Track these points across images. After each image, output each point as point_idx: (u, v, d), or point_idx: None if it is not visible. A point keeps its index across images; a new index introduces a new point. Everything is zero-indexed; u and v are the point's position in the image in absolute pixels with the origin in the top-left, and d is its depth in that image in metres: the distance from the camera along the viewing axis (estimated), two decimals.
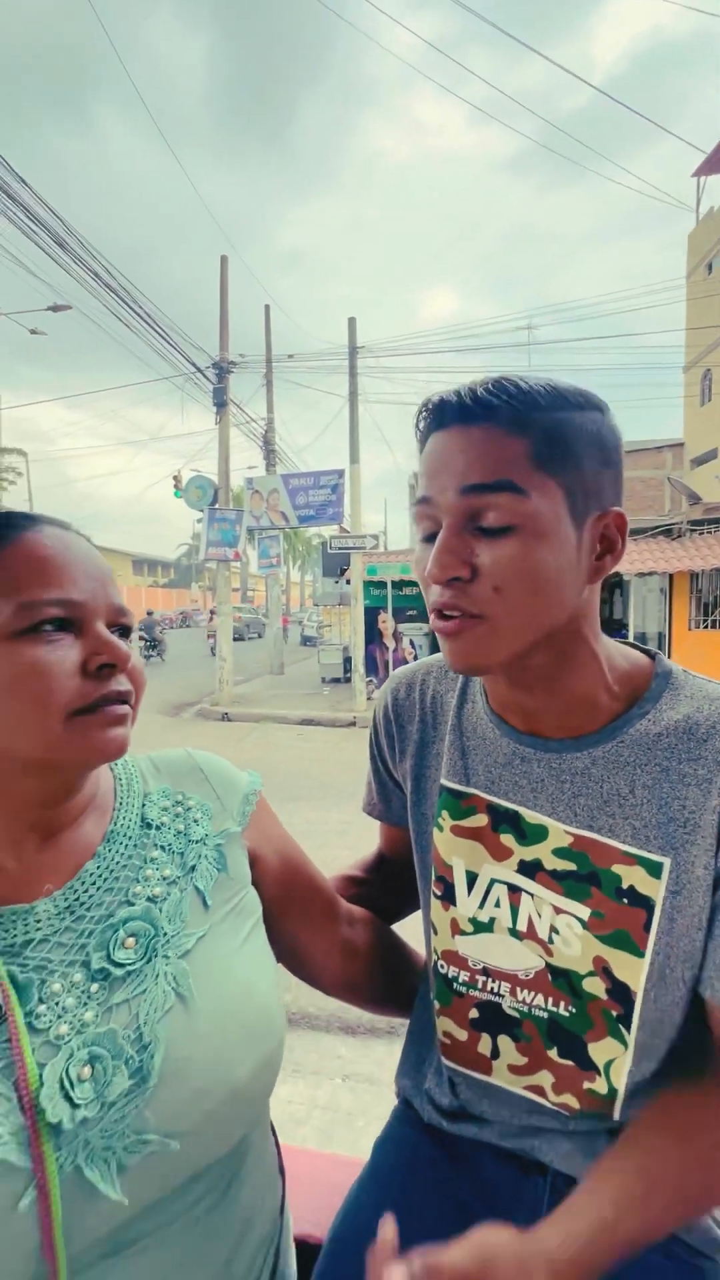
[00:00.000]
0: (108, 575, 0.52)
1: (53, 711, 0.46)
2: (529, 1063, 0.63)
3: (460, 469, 0.52)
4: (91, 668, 0.48)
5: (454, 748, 0.67)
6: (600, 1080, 0.59)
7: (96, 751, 0.48)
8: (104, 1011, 0.47)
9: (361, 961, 0.73)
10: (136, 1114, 0.44)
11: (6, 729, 0.46)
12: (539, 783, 0.61)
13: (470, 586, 0.53)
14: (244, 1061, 0.49)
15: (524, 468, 0.51)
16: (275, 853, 0.66)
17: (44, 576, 0.48)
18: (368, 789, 0.80)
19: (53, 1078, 0.43)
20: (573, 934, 0.59)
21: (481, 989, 0.65)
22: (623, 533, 0.56)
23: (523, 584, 0.52)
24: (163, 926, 0.52)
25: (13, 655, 0.46)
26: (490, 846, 0.63)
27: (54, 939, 0.49)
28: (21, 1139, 0.41)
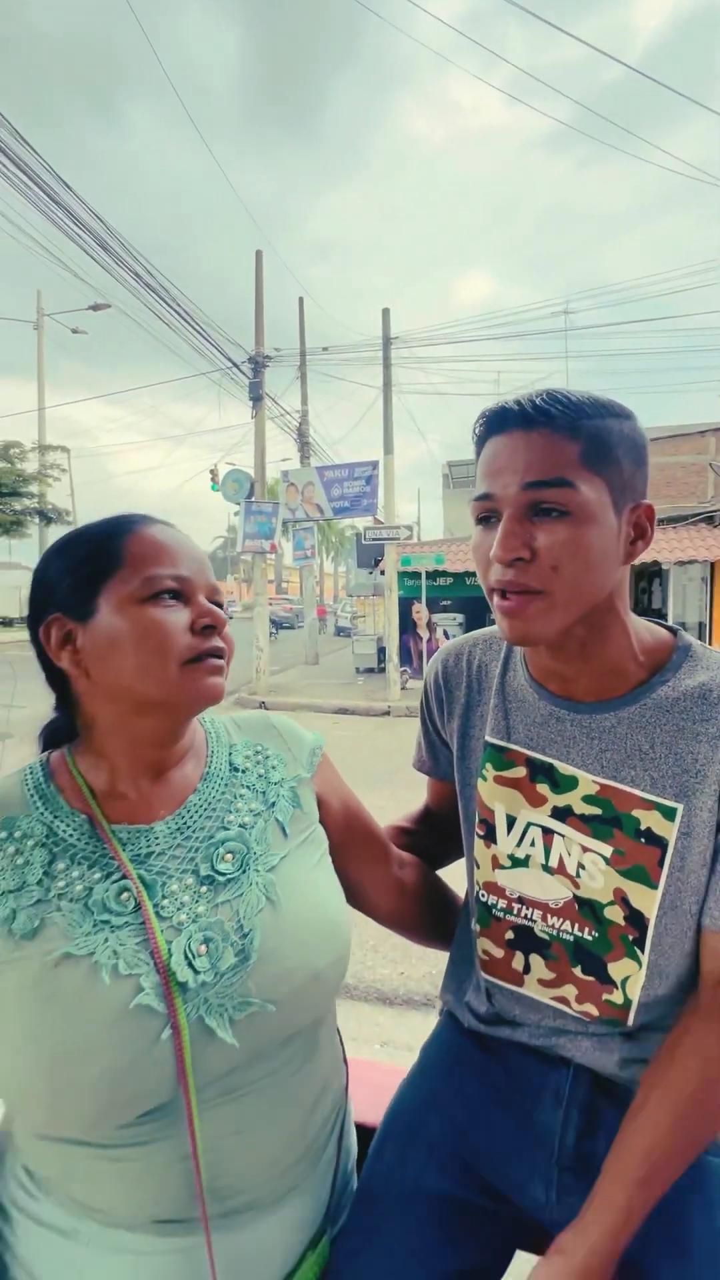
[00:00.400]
0: (206, 561, 0.65)
1: (170, 660, 0.58)
2: (556, 978, 0.73)
3: (521, 467, 0.61)
4: (196, 628, 0.60)
5: (498, 709, 0.77)
6: (617, 993, 0.69)
7: (201, 694, 0.60)
8: (212, 907, 0.59)
9: (410, 898, 0.84)
10: (241, 983, 0.56)
11: (133, 674, 0.58)
12: (571, 739, 0.71)
13: (531, 566, 0.61)
14: (320, 953, 0.61)
15: (576, 466, 0.60)
16: (338, 799, 0.77)
17: (162, 558, 0.61)
18: (418, 747, 0.91)
19: (178, 950, 0.56)
20: (597, 869, 0.69)
21: (517, 915, 0.75)
22: (652, 522, 0.66)
23: (577, 563, 0.61)
24: (253, 847, 0.64)
25: (141, 616, 0.58)
26: (527, 794, 0.73)
27: (169, 852, 0.61)
28: (159, 992, 0.54)
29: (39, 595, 0.63)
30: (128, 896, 0.57)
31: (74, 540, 0.63)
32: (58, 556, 0.63)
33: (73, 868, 0.58)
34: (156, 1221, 0.55)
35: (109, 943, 0.55)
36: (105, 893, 0.57)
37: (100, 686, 0.60)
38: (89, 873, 0.58)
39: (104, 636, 0.59)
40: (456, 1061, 0.79)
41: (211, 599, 0.63)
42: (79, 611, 0.60)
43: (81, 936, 0.55)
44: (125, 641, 0.58)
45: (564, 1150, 0.70)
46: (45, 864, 0.58)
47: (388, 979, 3.02)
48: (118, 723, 0.61)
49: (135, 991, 0.53)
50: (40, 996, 0.53)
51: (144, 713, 0.60)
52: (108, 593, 0.59)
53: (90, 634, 0.59)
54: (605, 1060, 0.70)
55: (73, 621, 0.60)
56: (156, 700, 0.59)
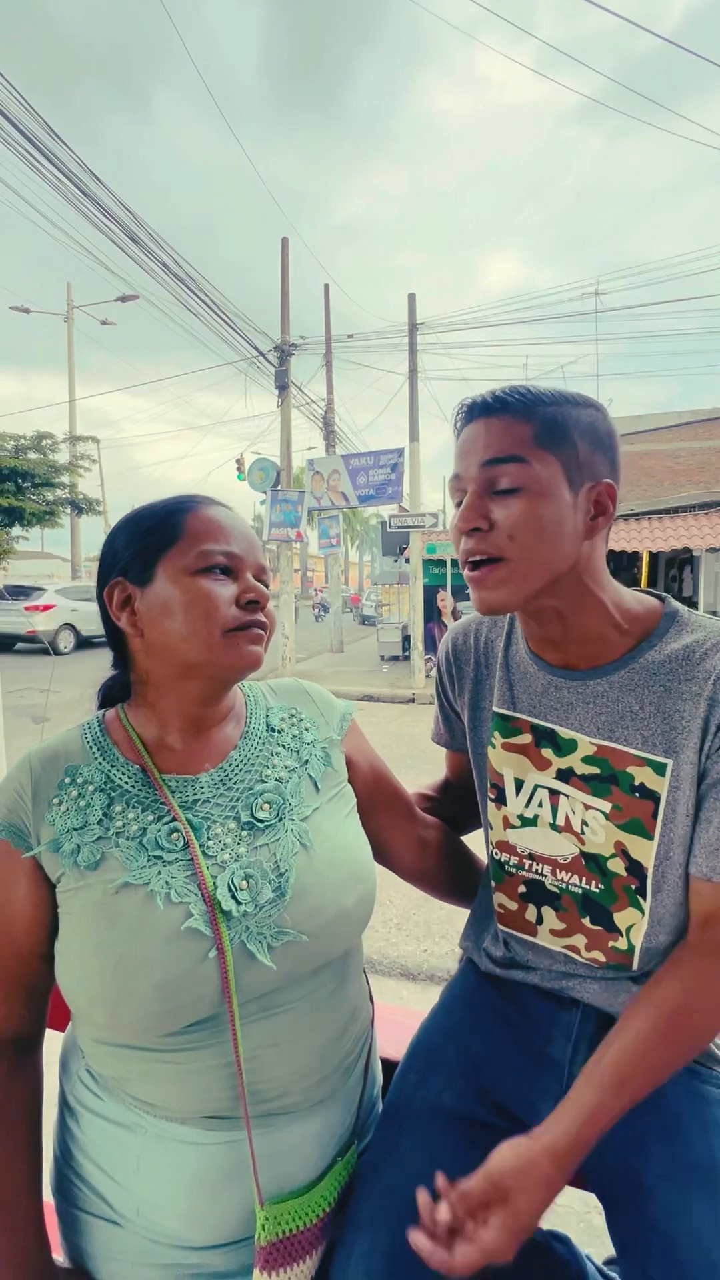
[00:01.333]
0: (257, 543, 0.72)
1: (215, 626, 0.65)
2: (566, 928, 0.79)
3: (481, 448, 0.68)
4: (242, 601, 0.67)
5: (503, 681, 0.83)
6: (622, 940, 0.75)
7: (242, 659, 0.66)
8: (252, 849, 0.66)
9: (432, 855, 0.91)
10: (278, 915, 0.63)
11: (181, 636, 0.65)
12: (569, 705, 0.76)
13: (489, 535, 0.68)
14: (348, 893, 0.68)
15: (529, 445, 0.67)
16: (366, 761, 0.84)
17: (215, 534, 0.67)
18: (435, 722, 0.98)
19: (223, 883, 0.63)
20: (599, 825, 0.75)
21: (528, 870, 0.81)
22: (613, 500, 0.71)
23: (530, 531, 0.67)
24: (288, 798, 0.71)
25: (193, 585, 0.65)
26: (533, 758, 0.79)
27: (213, 800, 0.68)
28: (205, 918, 0.61)
29: (107, 560, 0.70)
30: (177, 836, 0.64)
31: (141, 514, 0.70)
32: (126, 527, 0.70)
33: (128, 810, 0.65)
34: (205, 1117, 0.63)
35: (162, 875, 0.62)
36: (158, 832, 0.64)
37: (153, 646, 0.67)
38: (143, 815, 0.65)
39: (158, 601, 0.65)
40: (474, 1001, 0.86)
41: (258, 578, 0.70)
42: (139, 577, 0.67)
43: (138, 869, 0.62)
44: (176, 607, 0.65)
45: (572, 1078, 0.75)
46: (104, 806, 0.65)
47: (411, 955, 3.10)
48: (166, 681, 0.68)
49: (185, 917, 0.60)
50: (104, 917, 0.60)
51: (189, 674, 0.67)
52: (165, 562, 0.66)
53: (147, 598, 0.66)
54: (612, 1001, 0.76)
55: (133, 585, 0.67)
56: (200, 662, 0.66)
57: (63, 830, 0.64)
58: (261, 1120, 0.64)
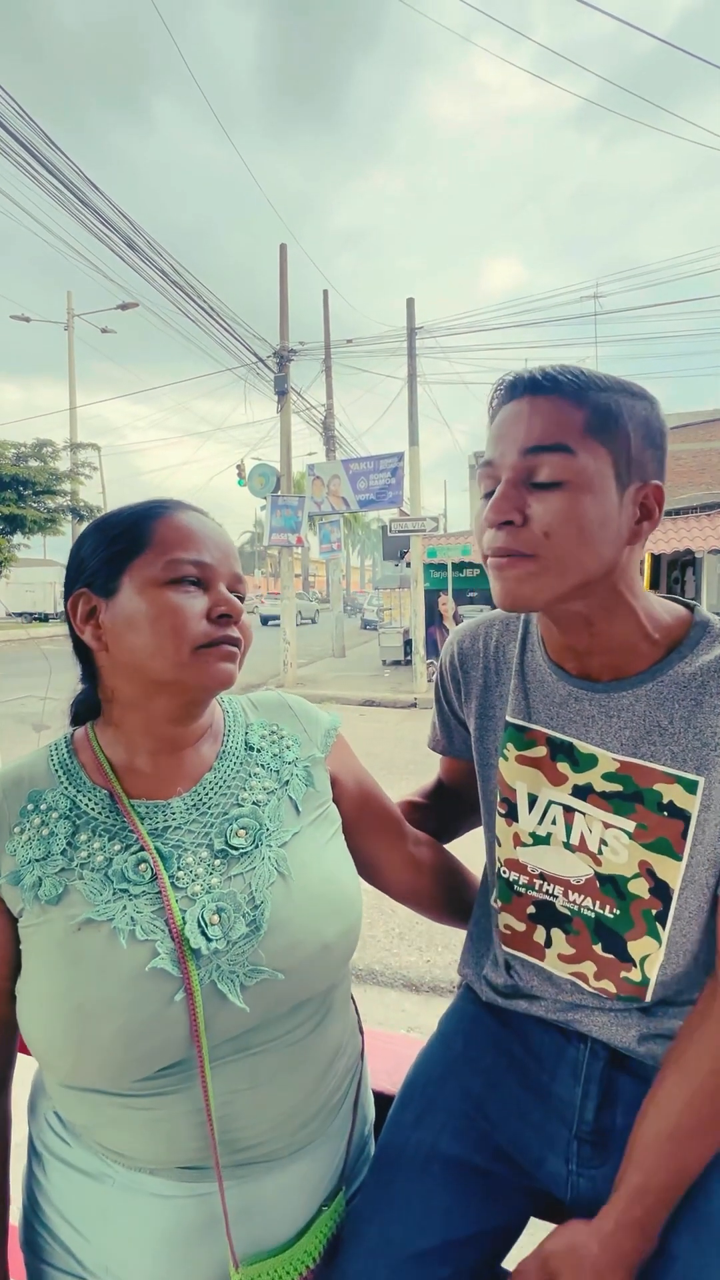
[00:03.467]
0: (232, 551, 0.67)
1: (183, 643, 0.60)
2: (576, 953, 0.74)
3: (523, 433, 0.61)
4: (213, 615, 0.62)
5: (518, 690, 0.78)
6: (636, 971, 0.70)
7: (211, 678, 0.62)
8: (225, 879, 0.62)
9: (425, 875, 0.86)
10: (253, 951, 0.59)
11: (147, 653, 0.61)
12: (590, 719, 0.71)
13: (521, 530, 0.61)
14: (330, 926, 0.63)
15: (578, 433, 0.60)
16: (352, 778, 0.79)
17: (185, 543, 0.63)
18: (432, 728, 0.93)
19: (192, 918, 0.59)
20: (620, 844, 0.70)
21: (538, 890, 0.76)
22: (660, 503, 0.65)
23: (569, 530, 0.60)
24: (266, 823, 0.66)
25: (160, 598, 0.61)
26: (548, 773, 0.74)
27: (185, 827, 0.64)
28: (173, 957, 0.57)
29: (72, 569, 0.66)
30: (145, 867, 0.60)
31: (108, 520, 0.66)
32: (93, 534, 0.66)
33: (94, 839, 0.61)
34: (179, 1168, 0.59)
35: (127, 910, 0.58)
36: (124, 863, 0.60)
37: (118, 662, 0.63)
38: (109, 844, 0.61)
39: (123, 614, 0.61)
40: (474, 1033, 0.81)
41: (233, 588, 0.65)
42: (104, 588, 0.63)
43: (102, 904, 0.58)
44: (142, 621, 0.60)
45: (582, 1124, 0.71)
46: (68, 835, 0.61)
47: (414, 966, 3.04)
48: (134, 699, 0.64)
49: (151, 956, 0.56)
50: (65, 957, 0.56)
51: (157, 691, 0.63)
52: (131, 572, 0.62)
53: (112, 611, 0.62)
54: (622, 1035, 0.71)
55: (98, 597, 0.63)
56: (167, 681, 0.62)
57: (24, 861, 0.60)
58: (237, 1170, 0.60)
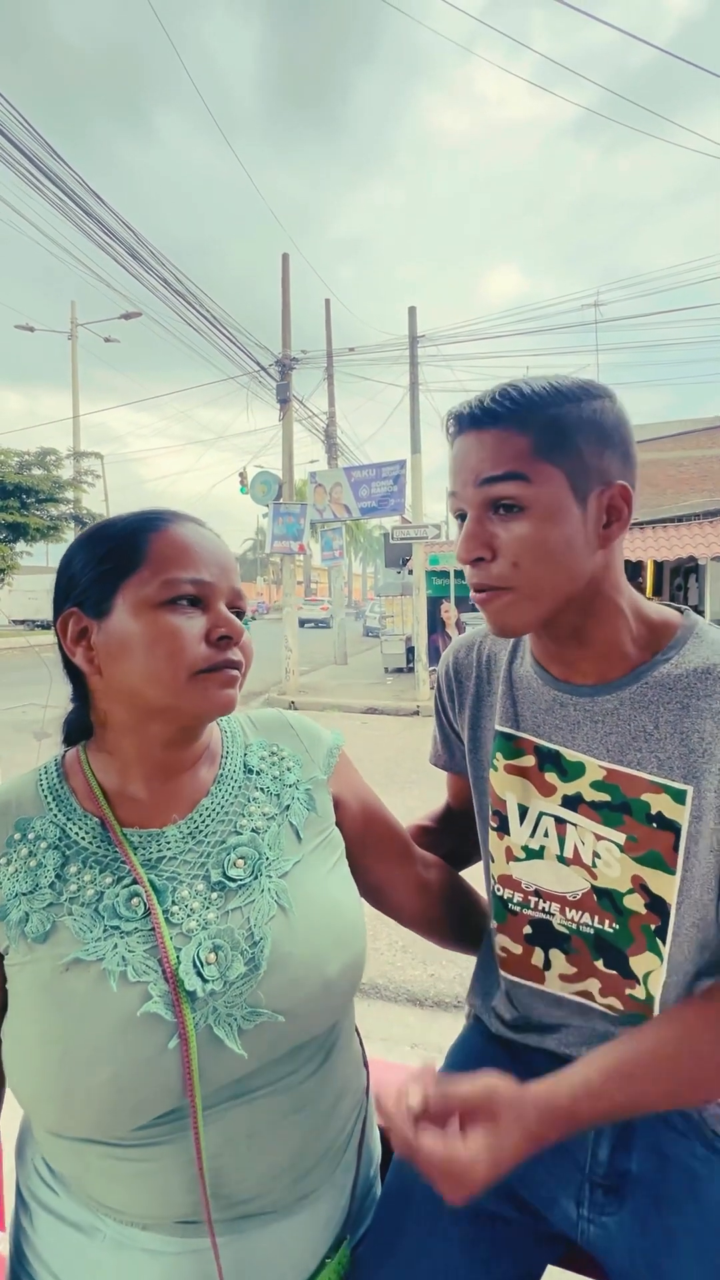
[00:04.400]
0: (232, 565, 0.64)
1: (181, 668, 0.57)
2: (578, 972, 0.71)
3: (475, 465, 0.62)
4: (213, 638, 0.59)
5: (506, 697, 0.76)
6: (639, 988, 0.67)
7: (211, 705, 0.59)
8: (222, 914, 0.59)
9: (434, 899, 0.83)
10: (251, 992, 0.56)
11: (144, 679, 0.57)
12: (575, 724, 0.69)
13: (492, 565, 0.62)
14: (334, 961, 0.60)
15: (527, 459, 0.60)
16: (356, 799, 0.76)
17: (183, 559, 0.59)
18: (434, 743, 0.90)
19: (187, 958, 0.55)
20: (612, 857, 0.67)
21: (534, 908, 0.73)
22: (628, 501, 0.64)
23: (535, 557, 0.61)
24: (265, 852, 0.63)
25: (155, 621, 0.57)
26: (537, 783, 0.72)
27: (180, 857, 0.61)
28: (167, 1000, 0.53)
29: (62, 586, 0.63)
30: (138, 902, 0.57)
31: (100, 533, 0.62)
32: (83, 548, 0.62)
33: (84, 871, 0.58)
34: (174, 1222, 0.55)
35: (118, 949, 0.55)
36: (115, 897, 0.57)
37: (112, 687, 0.60)
38: (100, 877, 0.58)
39: (117, 637, 0.58)
40: (483, 1068, 0.77)
41: (233, 605, 0.62)
42: (96, 608, 0.59)
43: (92, 942, 0.55)
44: (136, 645, 0.57)
45: (595, 1166, 0.68)
46: (58, 867, 0.58)
47: (418, 980, 3.00)
48: (128, 723, 0.61)
49: (143, 999, 0.53)
50: (51, 1000, 0.53)
51: (153, 717, 0.60)
52: (125, 592, 0.58)
53: (104, 632, 0.59)
54: None
55: (89, 617, 0.60)
56: (164, 707, 0.59)
57: (10, 895, 0.57)
58: (234, 1225, 0.56)
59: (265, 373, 11.36)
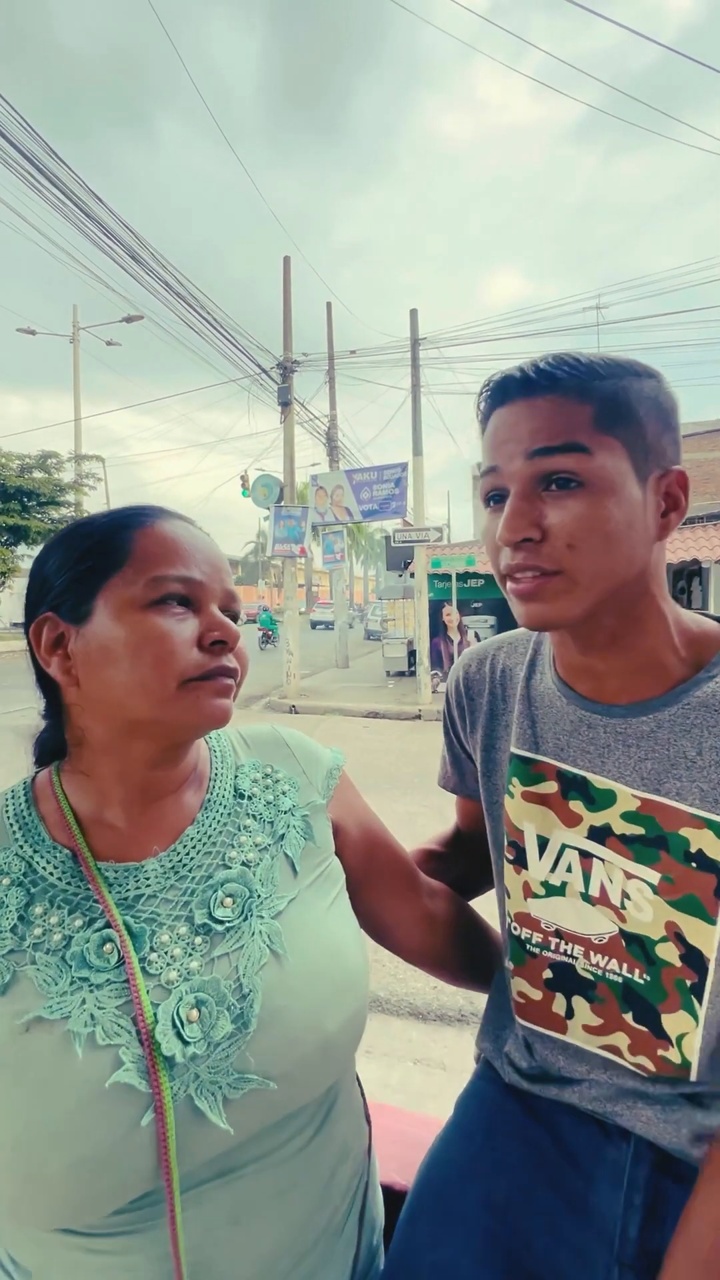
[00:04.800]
0: (224, 565, 0.57)
1: (170, 676, 0.51)
2: (604, 1024, 0.64)
3: (527, 436, 0.55)
4: (205, 643, 0.53)
5: (523, 716, 0.69)
6: (674, 1050, 0.60)
7: (203, 717, 0.52)
8: (207, 962, 0.52)
9: (441, 933, 0.76)
10: (239, 1055, 0.49)
11: (129, 689, 0.51)
12: (605, 748, 0.62)
13: (542, 546, 0.55)
14: (334, 1015, 0.53)
15: (588, 429, 0.54)
16: (358, 825, 0.69)
17: (171, 557, 0.53)
18: (442, 763, 0.83)
19: (165, 1016, 0.48)
20: (644, 899, 0.60)
21: (555, 950, 0.66)
22: (685, 490, 0.58)
23: (595, 538, 0.54)
24: (257, 889, 0.56)
25: (142, 623, 0.51)
26: (560, 812, 0.65)
27: (161, 895, 0.54)
28: (141, 1068, 0.46)
29: (34, 589, 0.56)
30: (111, 949, 0.50)
31: (77, 531, 0.56)
32: (58, 547, 0.56)
33: (51, 912, 0.51)
34: None
35: (86, 1005, 0.48)
36: (86, 943, 0.50)
37: (91, 700, 0.53)
38: (69, 919, 0.51)
39: (97, 643, 0.52)
40: (496, 1124, 0.70)
41: (227, 608, 0.56)
42: (73, 612, 0.53)
43: (56, 996, 0.48)
44: (120, 651, 0.51)
45: (625, 1244, 0.60)
46: (21, 907, 0.51)
47: (420, 992, 2.92)
48: (108, 741, 0.55)
49: (114, 1066, 0.46)
50: (7, 1068, 0.46)
51: (137, 733, 0.53)
52: (107, 593, 0.52)
53: (84, 639, 0.53)
54: (671, 1133, 0.60)
55: (66, 623, 0.54)
56: (151, 720, 0.52)
57: None
58: None
59: (267, 375, 11.32)
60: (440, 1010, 2.80)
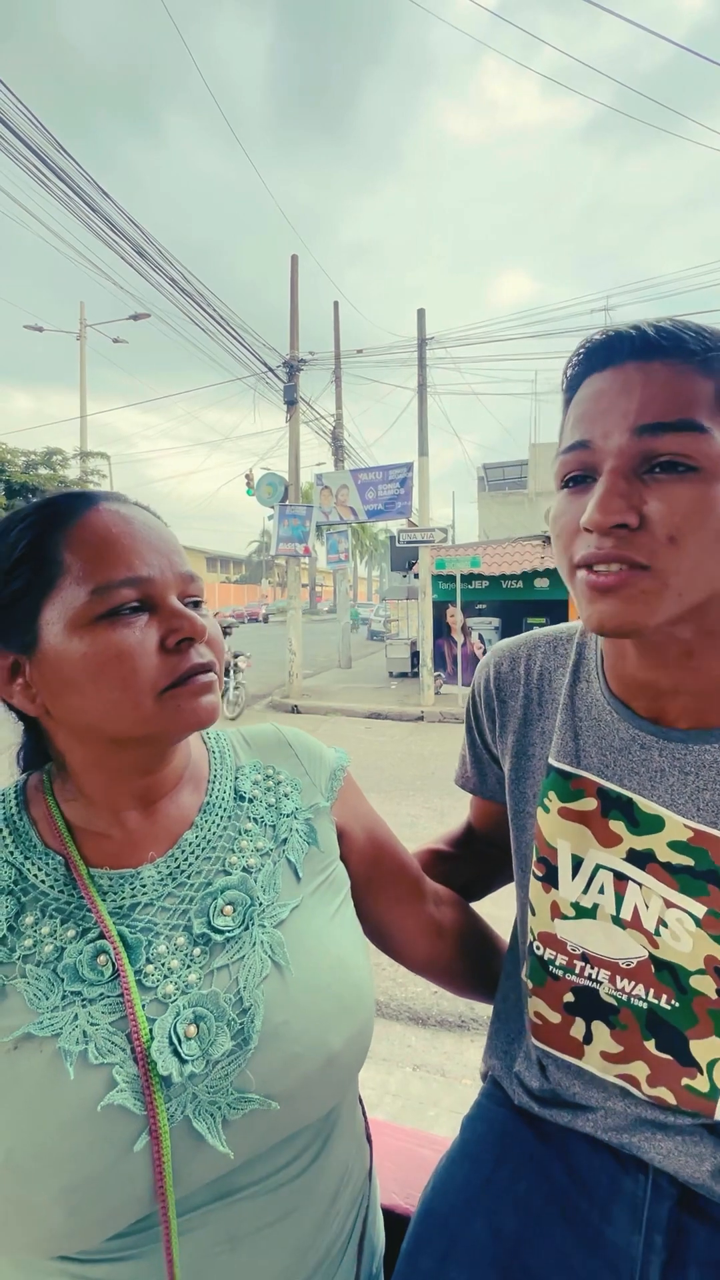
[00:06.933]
0: (173, 544, 0.52)
1: (143, 692, 0.47)
2: (623, 1052, 0.61)
3: (634, 408, 0.48)
4: (171, 644, 0.48)
5: (565, 727, 0.64)
6: (701, 1079, 0.57)
7: (191, 722, 0.49)
8: (206, 975, 0.49)
9: (447, 942, 0.73)
10: (239, 1074, 0.46)
11: (101, 713, 0.47)
12: (658, 772, 0.58)
13: (637, 535, 0.48)
14: (339, 1030, 0.50)
15: (709, 407, 0.47)
16: (362, 829, 0.66)
17: (112, 558, 0.47)
18: (461, 762, 0.79)
19: (162, 1034, 0.46)
20: (684, 930, 0.57)
21: (579, 974, 0.63)
22: None
23: (702, 533, 0.47)
24: (258, 896, 0.54)
25: (96, 640, 0.46)
26: (598, 832, 0.61)
27: (158, 904, 0.51)
28: (136, 1088, 0.44)
29: None
30: (105, 961, 0.48)
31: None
32: None
33: (43, 922, 0.49)
34: None
35: (78, 1021, 0.45)
36: (79, 955, 0.47)
37: (65, 724, 0.50)
38: (61, 929, 0.49)
39: (53, 670, 0.47)
40: (505, 1148, 0.67)
41: (187, 595, 0.51)
42: (19, 640, 0.48)
43: (47, 1012, 0.45)
44: (80, 676, 0.46)
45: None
46: (11, 917, 0.49)
47: (420, 998, 2.89)
48: (92, 760, 0.52)
49: (107, 1086, 0.43)
50: None
51: (121, 748, 0.50)
52: (49, 613, 0.47)
53: (38, 667, 0.48)
54: (694, 1167, 0.57)
55: (13, 652, 0.49)
56: (133, 737, 0.49)
57: None
58: None
59: (273, 374, 11.30)
60: (440, 1016, 2.77)
